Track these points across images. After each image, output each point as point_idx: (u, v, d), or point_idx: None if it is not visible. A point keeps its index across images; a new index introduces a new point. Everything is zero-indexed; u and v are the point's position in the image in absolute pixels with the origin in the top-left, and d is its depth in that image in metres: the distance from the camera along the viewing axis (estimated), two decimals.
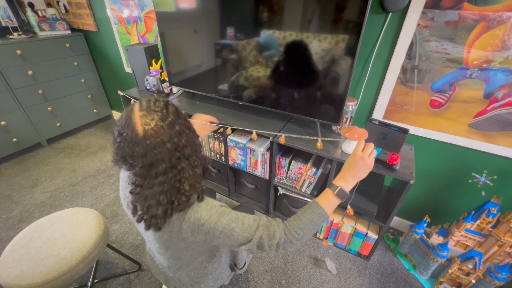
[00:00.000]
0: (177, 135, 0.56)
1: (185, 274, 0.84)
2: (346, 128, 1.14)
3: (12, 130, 2.12)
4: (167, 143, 0.55)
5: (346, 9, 0.99)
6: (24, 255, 0.94)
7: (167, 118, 0.56)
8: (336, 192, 0.69)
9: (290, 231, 0.65)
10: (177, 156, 0.57)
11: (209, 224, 0.62)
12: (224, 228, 0.62)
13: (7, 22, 2.15)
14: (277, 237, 0.63)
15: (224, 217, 0.63)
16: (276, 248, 0.64)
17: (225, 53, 1.38)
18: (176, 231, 0.64)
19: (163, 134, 0.54)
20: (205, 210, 0.62)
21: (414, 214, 1.53)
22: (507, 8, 0.90)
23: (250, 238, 0.63)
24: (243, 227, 0.63)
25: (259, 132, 1.34)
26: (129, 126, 0.54)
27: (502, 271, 1.10)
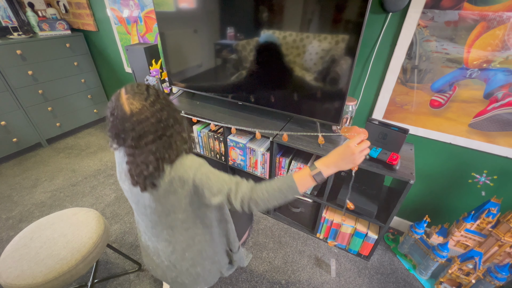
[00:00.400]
0: (159, 111, 0.67)
1: (179, 257, 0.85)
2: (346, 128, 1.14)
3: (12, 130, 2.12)
4: (150, 118, 0.66)
5: (346, 9, 0.99)
6: (24, 255, 0.94)
7: (148, 98, 0.67)
8: (313, 173, 0.70)
9: (257, 191, 0.69)
10: (162, 126, 0.68)
11: (191, 169, 0.71)
12: (203, 175, 0.70)
13: (7, 22, 2.15)
14: (241, 191, 0.69)
15: (204, 167, 0.72)
16: (240, 202, 0.69)
17: (225, 53, 1.38)
18: (168, 181, 0.71)
19: (146, 111, 0.65)
20: (189, 160, 0.72)
21: (414, 214, 1.53)
22: (507, 8, 0.90)
23: (221, 190, 0.70)
24: (218, 179, 0.71)
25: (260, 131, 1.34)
26: (118, 107, 0.66)
27: (502, 271, 1.10)
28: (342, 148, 0.71)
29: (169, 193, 0.73)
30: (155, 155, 0.68)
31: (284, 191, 0.69)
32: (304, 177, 0.70)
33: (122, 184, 0.82)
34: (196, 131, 1.65)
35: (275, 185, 0.69)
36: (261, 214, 1.73)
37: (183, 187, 0.72)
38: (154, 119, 0.67)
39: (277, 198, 0.69)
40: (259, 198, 0.68)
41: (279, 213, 1.70)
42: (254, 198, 0.68)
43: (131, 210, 1.73)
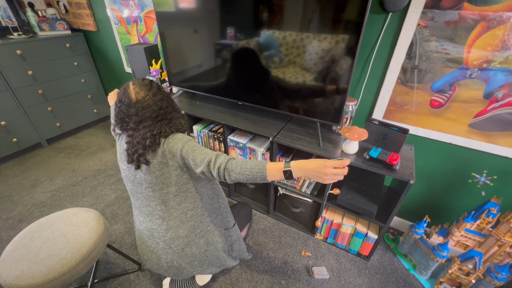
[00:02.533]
0: (160, 100, 0.84)
1: (174, 235, 0.90)
2: (346, 128, 1.14)
3: (12, 130, 2.12)
4: (152, 105, 0.82)
5: (346, 9, 0.99)
6: (24, 255, 0.94)
7: (151, 90, 0.83)
8: (285, 169, 0.74)
9: (232, 163, 0.77)
10: (162, 113, 0.84)
11: (180, 142, 0.82)
12: (189, 147, 0.81)
13: (7, 22, 2.15)
14: (219, 161, 0.77)
15: (191, 142, 0.84)
16: (217, 171, 0.77)
17: (225, 53, 1.38)
18: (161, 152, 0.82)
19: (149, 99, 0.82)
20: (180, 135, 0.85)
21: (414, 214, 1.53)
22: (507, 8, 0.90)
23: (203, 160, 0.78)
24: (202, 152, 0.80)
25: (259, 132, 1.35)
26: (125, 94, 0.81)
27: (502, 271, 1.10)
28: (319, 163, 0.72)
29: (161, 164, 0.83)
30: (152, 132, 0.81)
31: (254, 173, 0.75)
32: (276, 169, 0.75)
33: (121, 164, 0.92)
34: (196, 131, 1.65)
35: (249, 165, 0.76)
36: (261, 214, 1.73)
37: (173, 158, 0.83)
38: (155, 106, 0.82)
39: (247, 176, 0.76)
40: (232, 171, 0.76)
41: (279, 213, 1.70)
42: (228, 169, 0.76)
43: (131, 210, 1.73)
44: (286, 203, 1.58)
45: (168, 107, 0.85)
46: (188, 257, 0.94)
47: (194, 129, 1.65)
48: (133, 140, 0.83)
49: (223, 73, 1.46)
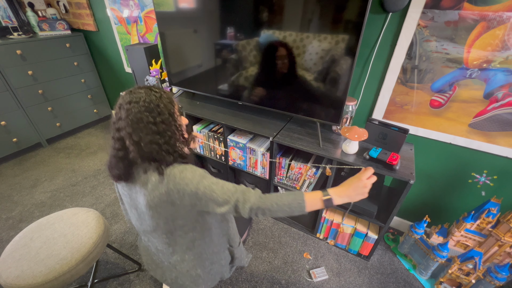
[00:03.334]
0: (157, 115, 0.69)
1: (179, 259, 0.85)
2: (346, 128, 1.14)
3: (12, 130, 2.12)
4: (143, 120, 0.68)
5: (346, 9, 0.99)
6: (24, 255, 0.94)
7: (144, 105, 0.69)
8: (324, 198, 0.72)
9: (265, 201, 0.71)
10: (154, 129, 0.69)
11: (192, 183, 0.69)
12: (206, 189, 0.69)
13: (7, 22, 2.15)
14: (251, 201, 0.69)
15: (206, 179, 0.71)
16: (249, 211, 0.69)
17: (225, 53, 1.38)
18: (165, 191, 0.70)
19: (140, 113, 0.68)
20: (189, 172, 0.71)
21: (414, 214, 1.53)
22: (507, 8, 0.90)
23: (228, 200, 0.69)
24: (222, 190, 0.70)
25: (259, 132, 1.35)
26: (121, 110, 0.70)
27: (502, 271, 1.10)
28: (355, 180, 0.74)
29: (166, 203, 0.72)
30: (136, 147, 0.69)
31: (292, 207, 0.70)
32: (315, 200, 0.72)
33: (121, 188, 0.82)
34: (196, 130, 1.65)
35: (286, 200, 0.70)
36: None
37: (182, 199, 0.71)
38: (147, 120, 0.68)
39: (284, 212, 0.71)
40: (267, 209, 0.70)
41: None
42: (263, 208, 0.69)
43: None
44: None
45: (163, 122, 0.70)
46: (193, 277, 0.90)
47: (194, 129, 1.65)
48: (114, 145, 0.73)
49: (223, 73, 1.46)
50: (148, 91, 0.70)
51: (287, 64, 1.23)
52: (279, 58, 1.23)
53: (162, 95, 0.71)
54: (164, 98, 0.71)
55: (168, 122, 0.70)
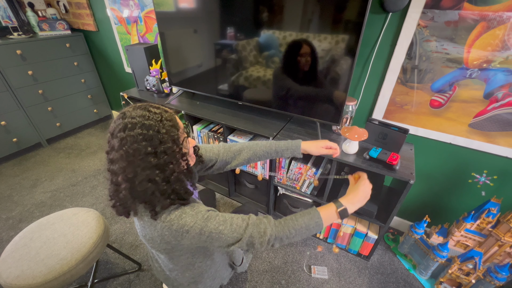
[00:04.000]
0: (158, 144, 0.58)
1: (180, 275, 0.83)
2: (346, 128, 1.14)
3: (12, 130, 2.12)
4: (140, 152, 0.57)
5: (346, 9, 0.99)
6: (24, 255, 0.94)
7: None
8: (340, 210, 0.70)
9: (283, 228, 0.66)
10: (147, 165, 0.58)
11: (194, 230, 0.62)
12: (212, 233, 0.62)
13: (7, 22, 2.15)
14: (268, 233, 0.64)
15: (210, 222, 0.63)
16: (266, 245, 0.65)
17: (225, 53, 1.38)
18: (158, 235, 0.64)
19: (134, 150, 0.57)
20: (189, 216, 0.62)
21: (414, 214, 1.53)
22: (507, 8, 0.90)
23: (239, 238, 0.64)
24: (231, 228, 0.63)
25: (259, 132, 1.35)
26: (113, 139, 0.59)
27: (502, 271, 1.10)
28: (362, 185, 0.75)
29: (160, 242, 0.66)
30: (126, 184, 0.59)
31: (311, 228, 0.68)
32: (330, 213, 0.70)
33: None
34: (196, 131, 1.65)
35: (302, 222, 0.67)
36: (261, 214, 1.72)
37: (179, 242, 0.64)
38: (141, 157, 0.57)
39: (303, 235, 0.68)
40: (285, 237, 0.66)
41: (279, 213, 1.70)
42: (280, 237, 0.66)
43: None
44: (286, 203, 1.58)
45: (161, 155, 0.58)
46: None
47: (194, 129, 1.65)
48: (112, 179, 0.64)
49: (223, 73, 1.46)
50: (145, 113, 0.57)
51: (287, 64, 1.23)
52: (279, 58, 1.23)
53: (163, 118, 0.59)
54: (165, 121, 0.59)
55: (171, 152, 0.59)
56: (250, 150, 0.93)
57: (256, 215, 0.71)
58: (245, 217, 0.67)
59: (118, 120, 0.58)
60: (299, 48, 1.15)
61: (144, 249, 1.47)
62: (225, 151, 0.92)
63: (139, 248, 1.48)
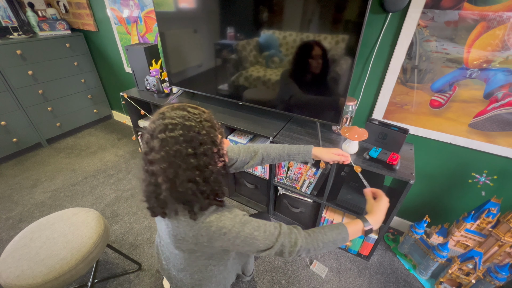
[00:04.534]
0: (198, 145, 0.58)
1: (188, 276, 0.83)
2: (346, 128, 1.14)
3: (12, 130, 2.12)
4: (181, 153, 0.57)
5: (346, 9, 0.99)
6: (24, 255, 0.94)
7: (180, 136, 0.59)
8: (367, 228, 0.73)
9: (312, 240, 0.68)
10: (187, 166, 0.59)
11: (231, 233, 0.63)
12: (247, 237, 0.63)
13: (7, 22, 2.15)
14: (298, 244, 0.66)
15: (247, 226, 0.64)
16: (295, 255, 0.67)
17: (225, 53, 1.38)
18: (194, 235, 0.64)
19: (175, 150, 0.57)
20: (228, 219, 0.63)
21: (414, 214, 1.53)
22: (507, 8, 0.90)
23: (271, 245, 0.65)
24: (265, 235, 0.65)
25: (259, 132, 1.35)
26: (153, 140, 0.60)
27: (502, 271, 1.10)
28: (383, 203, 0.78)
29: (190, 242, 0.67)
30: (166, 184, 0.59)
31: (337, 242, 0.71)
32: (356, 230, 0.73)
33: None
34: None
35: (331, 237, 0.70)
36: None
37: (211, 244, 0.65)
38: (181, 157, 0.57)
39: (329, 248, 0.71)
40: (313, 248, 0.69)
41: (279, 213, 1.70)
42: (308, 249, 0.68)
43: (131, 210, 1.73)
44: (286, 203, 1.58)
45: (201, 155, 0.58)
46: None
47: None
48: (146, 179, 0.64)
49: (223, 73, 1.46)
50: (184, 113, 0.58)
51: (287, 64, 1.23)
52: (279, 58, 1.23)
53: (202, 118, 0.60)
54: (204, 122, 0.60)
55: (210, 153, 0.60)
56: (264, 151, 0.96)
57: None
58: (276, 225, 0.68)
59: (157, 120, 0.58)
60: (299, 48, 1.15)
61: (144, 249, 1.47)
62: (244, 151, 0.95)
63: (139, 248, 1.48)
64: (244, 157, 0.95)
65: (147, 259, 1.42)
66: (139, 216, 1.68)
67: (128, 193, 1.87)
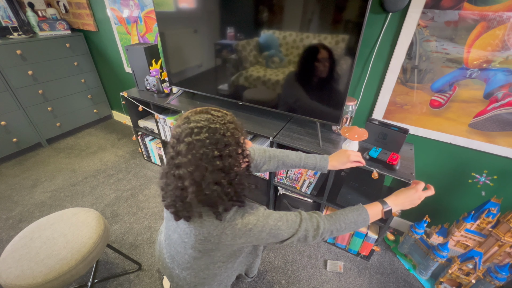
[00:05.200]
0: (223, 147, 0.59)
1: (193, 274, 0.83)
2: (346, 128, 1.14)
3: (12, 130, 2.12)
4: (207, 155, 0.59)
5: (346, 9, 0.99)
6: (24, 255, 0.94)
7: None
8: (385, 209, 0.74)
9: (335, 222, 0.70)
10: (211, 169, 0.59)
11: (257, 228, 0.64)
12: (272, 229, 0.65)
13: (7, 22, 2.15)
14: (321, 227, 0.69)
15: (270, 219, 0.66)
16: (319, 238, 0.68)
17: (225, 53, 1.38)
18: (217, 234, 0.65)
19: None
20: (252, 215, 0.65)
21: (414, 214, 1.53)
22: (507, 8, 0.90)
23: (294, 232, 0.67)
24: (288, 224, 0.67)
25: (259, 132, 1.35)
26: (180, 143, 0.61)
27: (502, 271, 1.10)
28: (411, 191, 0.77)
29: (212, 242, 0.67)
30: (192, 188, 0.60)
31: (358, 223, 0.73)
32: (376, 212, 0.75)
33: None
34: None
35: (352, 217, 0.72)
36: None
37: (234, 241, 0.67)
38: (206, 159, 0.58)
39: (351, 229, 0.73)
40: (335, 230, 0.71)
41: None
42: (331, 230, 0.70)
43: (131, 210, 1.73)
44: (286, 203, 1.58)
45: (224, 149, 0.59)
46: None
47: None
48: (168, 181, 0.65)
49: (223, 73, 1.46)
50: (209, 116, 0.60)
51: (287, 64, 1.23)
52: (279, 58, 1.23)
53: (226, 120, 0.61)
54: (228, 123, 0.61)
55: (235, 154, 0.61)
56: (280, 159, 0.95)
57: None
58: (296, 213, 0.70)
59: (183, 125, 0.59)
60: (299, 48, 1.15)
61: (144, 249, 1.47)
62: (259, 155, 0.93)
63: (139, 248, 1.48)
64: (258, 161, 0.93)
65: (147, 259, 1.42)
66: (139, 216, 1.68)
67: (128, 193, 1.87)
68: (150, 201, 1.81)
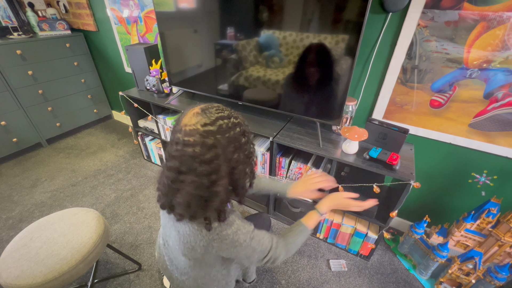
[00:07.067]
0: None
1: (191, 280, 0.84)
2: (346, 128, 1.14)
3: (12, 130, 2.12)
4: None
5: (346, 9, 0.99)
6: (24, 255, 0.94)
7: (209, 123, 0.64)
8: (322, 217, 0.88)
9: (288, 252, 0.80)
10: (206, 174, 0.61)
11: (241, 246, 0.69)
12: (253, 251, 0.72)
13: (7, 22, 2.15)
14: (280, 259, 0.78)
15: (253, 241, 0.70)
16: (274, 265, 0.80)
17: (225, 53, 1.38)
18: (203, 245, 0.67)
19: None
20: (243, 234, 0.68)
21: (414, 214, 1.53)
22: (507, 8, 0.90)
23: (262, 259, 0.75)
24: (261, 249, 0.73)
25: (259, 132, 1.35)
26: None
27: (502, 271, 1.10)
28: (339, 196, 0.90)
29: (199, 250, 0.69)
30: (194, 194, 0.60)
31: (305, 239, 0.85)
32: (316, 222, 0.86)
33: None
34: None
35: (299, 242, 0.84)
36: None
37: (218, 252, 0.70)
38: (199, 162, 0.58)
39: (300, 246, 0.89)
40: (289, 255, 0.82)
41: (279, 213, 1.70)
42: (286, 257, 0.81)
43: (131, 210, 1.73)
44: (286, 203, 1.58)
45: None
46: None
47: None
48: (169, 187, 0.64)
49: (223, 73, 1.46)
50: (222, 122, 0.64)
51: (287, 64, 1.23)
52: (279, 58, 1.23)
53: (238, 121, 0.68)
54: (244, 126, 0.70)
55: (249, 153, 0.68)
56: (258, 180, 1.00)
57: (269, 226, 0.87)
58: (270, 240, 0.76)
59: (196, 136, 0.59)
60: (299, 48, 1.15)
61: (144, 249, 1.47)
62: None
63: (139, 248, 1.48)
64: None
65: (147, 259, 1.42)
66: (139, 216, 1.68)
67: (128, 193, 1.87)
68: (150, 201, 1.81)
